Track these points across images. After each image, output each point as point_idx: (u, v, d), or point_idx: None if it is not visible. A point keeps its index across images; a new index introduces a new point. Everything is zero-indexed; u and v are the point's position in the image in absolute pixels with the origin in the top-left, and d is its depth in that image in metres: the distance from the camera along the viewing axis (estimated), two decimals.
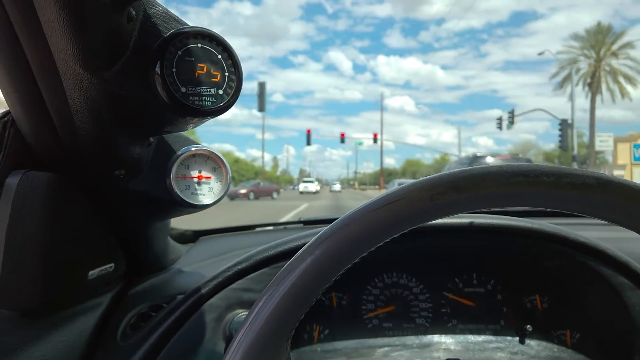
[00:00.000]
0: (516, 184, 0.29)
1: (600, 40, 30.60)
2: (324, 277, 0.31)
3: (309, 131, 30.15)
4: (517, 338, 0.78)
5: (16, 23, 0.40)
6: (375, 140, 34.99)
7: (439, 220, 0.74)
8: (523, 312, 0.79)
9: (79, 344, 0.59)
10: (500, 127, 24.61)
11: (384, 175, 52.93)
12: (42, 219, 0.51)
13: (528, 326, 0.75)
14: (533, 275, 0.79)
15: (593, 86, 30.52)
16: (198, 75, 0.46)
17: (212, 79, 0.47)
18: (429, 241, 0.78)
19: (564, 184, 0.29)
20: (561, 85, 31.76)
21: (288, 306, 0.30)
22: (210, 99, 0.46)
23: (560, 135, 19.18)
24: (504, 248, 0.78)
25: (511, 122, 23.43)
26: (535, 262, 0.77)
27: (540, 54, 25.68)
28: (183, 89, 0.45)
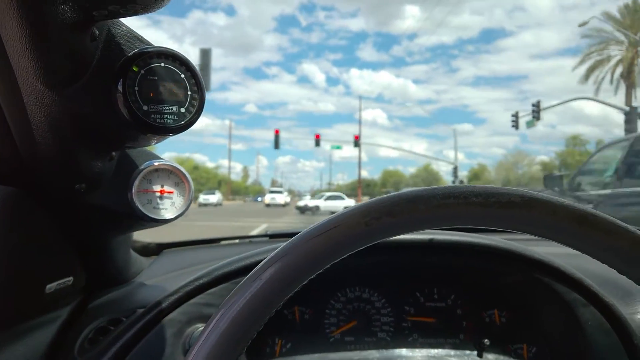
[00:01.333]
0: (446, 206, 0.31)
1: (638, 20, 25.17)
2: (276, 296, 0.32)
3: (277, 132, 26.76)
4: (476, 352, 0.80)
5: None
6: (356, 143, 31.42)
7: (400, 237, 0.77)
8: (482, 326, 0.82)
9: (36, 358, 0.58)
10: (515, 126, 19.93)
11: (362, 187, 49.81)
12: None
13: (486, 340, 0.78)
14: (492, 290, 0.82)
15: (630, 77, 25.51)
16: (160, 93, 0.47)
17: (175, 98, 0.48)
18: (391, 256, 0.80)
19: (491, 203, 0.31)
20: (586, 76, 26.88)
21: (243, 321, 0.31)
22: (172, 117, 0.47)
23: (626, 129, 14.63)
24: (464, 264, 0.81)
25: (536, 118, 18.51)
26: (494, 277, 0.80)
27: (583, 24, 19.42)
28: (145, 107, 0.46)
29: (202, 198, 32.37)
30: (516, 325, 0.81)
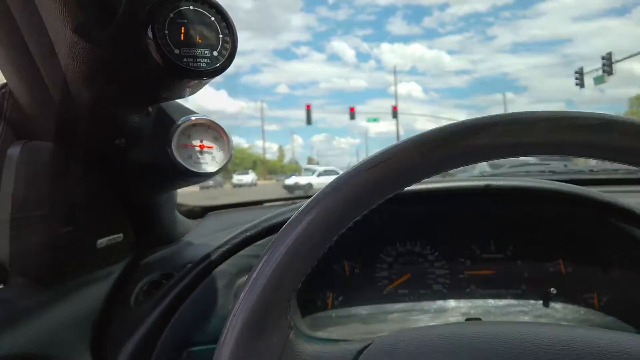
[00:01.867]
0: (511, 132, 0.28)
1: None
2: (322, 236, 0.30)
3: (308, 106, 23.66)
4: (541, 302, 0.75)
5: None
6: (394, 114, 26.78)
7: (454, 184, 0.73)
8: (545, 276, 0.77)
9: (94, 308, 0.61)
10: (581, 84, 17.48)
11: None
12: (45, 186, 0.52)
13: (552, 289, 0.73)
14: (555, 239, 0.76)
15: None
16: (191, 36, 0.45)
17: (206, 41, 0.46)
18: (442, 207, 0.76)
19: (563, 127, 0.28)
20: None
21: (288, 263, 0.30)
22: (205, 60, 0.46)
23: None
24: (523, 211, 0.76)
25: (607, 73, 16.17)
26: (557, 225, 0.75)
27: None
28: (176, 51, 0.44)
29: (236, 178, 30.20)
30: (584, 274, 0.75)
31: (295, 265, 0.30)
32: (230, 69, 0.49)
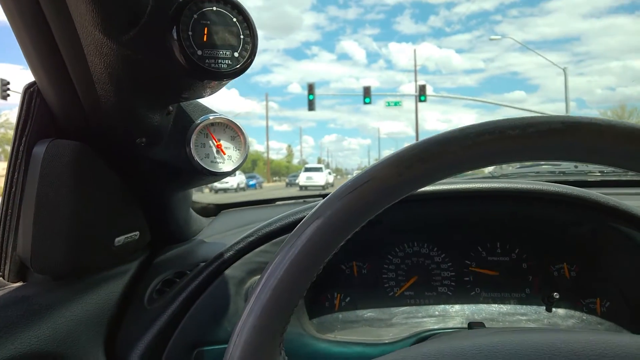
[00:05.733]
0: (482, 144, 0.28)
1: None
2: (316, 256, 0.31)
3: (310, 89, 17.60)
4: (544, 307, 0.76)
5: None
6: (422, 97, 18.79)
7: (460, 186, 0.74)
8: (550, 280, 0.78)
9: (109, 306, 0.62)
10: None
11: None
12: (69, 185, 0.53)
13: (555, 294, 0.74)
14: (560, 242, 0.77)
15: None
16: (214, 38, 0.46)
17: (228, 42, 0.47)
18: (449, 208, 0.77)
19: (530, 134, 0.28)
20: None
21: (300, 265, 0.31)
22: (227, 61, 0.47)
23: None
24: (529, 214, 0.76)
25: None
26: (562, 228, 0.75)
27: None
28: (199, 52, 0.46)
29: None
30: (588, 278, 0.76)
31: (308, 265, 0.31)
32: None
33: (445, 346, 0.33)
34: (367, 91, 18.37)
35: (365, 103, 18.59)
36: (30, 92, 0.54)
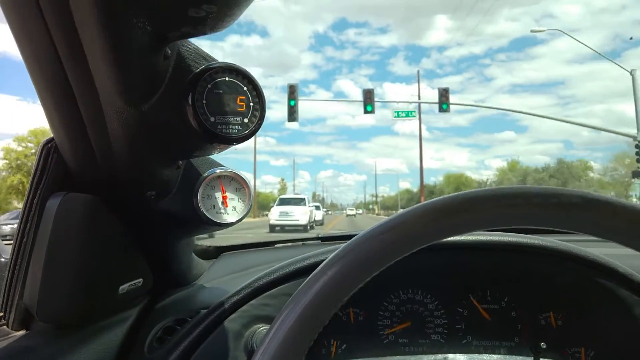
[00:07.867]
0: (506, 207, 0.31)
1: None
2: (337, 295, 0.33)
3: (292, 91, 15.31)
4: (532, 357, 0.78)
5: (66, 62, 0.44)
6: (444, 105, 14.75)
7: (453, 238, 0.76)
8: (537, 329, 0.80)
9: (109, 355, 0.63)
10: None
11: (425, 195, 36.34)
12: (80, 238, 0.55)
13: (542, 344, 0.75)
14: (547, 292, 0.79)
15: None
16: (226, 105, 0.50)
17: (239, 109, 0.50)
18: (444, 258, 0.79)
19: (551, 204, 0.31)
20: None
21: (308, 319, 0.33)
22: (237, 127, 0.50)
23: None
24: (518, 265, 0.79)
25: None
26: (548, 279, 0.78)
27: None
28: (212, 119, 0.49)
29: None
30: (573, 328, 0.78)
31: (314, 320, 0.33)
32: None
33: None
34: (368, 96, 14.76)
35: (366, 112, 15.15)
36: (47, 148, 0.57)
